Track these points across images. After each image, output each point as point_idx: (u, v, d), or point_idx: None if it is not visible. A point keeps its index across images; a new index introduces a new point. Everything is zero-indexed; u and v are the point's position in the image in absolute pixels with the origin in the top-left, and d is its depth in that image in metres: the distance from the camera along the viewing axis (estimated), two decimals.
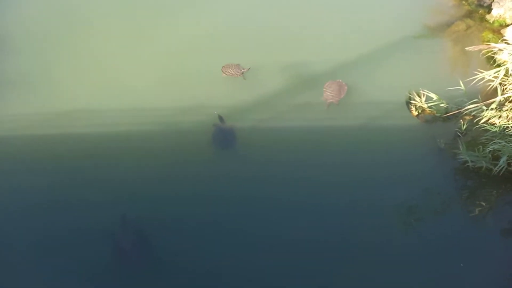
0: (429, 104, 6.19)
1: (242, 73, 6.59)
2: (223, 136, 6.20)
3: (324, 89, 6.39)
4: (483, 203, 5.61)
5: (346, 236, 5.39)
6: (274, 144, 6.15)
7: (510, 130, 5.53)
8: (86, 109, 6.48)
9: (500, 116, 5.71)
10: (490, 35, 6.84)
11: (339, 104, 6.37)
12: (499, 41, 6.41)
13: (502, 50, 6.01)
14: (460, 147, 5.74)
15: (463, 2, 7.38)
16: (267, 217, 5.57)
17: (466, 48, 6.15)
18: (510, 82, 5.92)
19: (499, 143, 5.47)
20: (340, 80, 6.45)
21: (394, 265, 5.20)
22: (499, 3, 6.96)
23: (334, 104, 6.37)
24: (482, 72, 5.78)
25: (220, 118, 6.29)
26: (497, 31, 6.89)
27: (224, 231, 5.48)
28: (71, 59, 6.97)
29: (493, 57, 6.46)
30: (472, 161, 5.66)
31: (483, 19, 7.10)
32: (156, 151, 6.11)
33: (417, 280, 5.12)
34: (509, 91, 5.84)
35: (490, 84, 5.81)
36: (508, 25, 6.84)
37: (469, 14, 7.23)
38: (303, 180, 5.80)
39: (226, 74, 6.60)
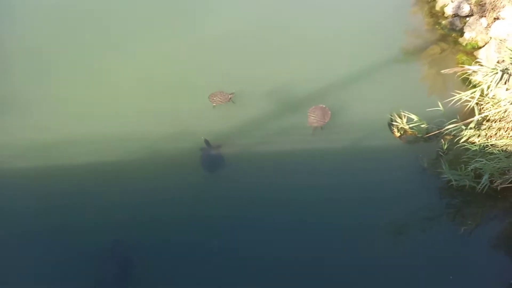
0: (411, 125, 6.34)
1: (230, 98, 6.66)
2: (211, 160, 6.21)
3: (309, 114, 6.49)
4: (469, 221, 5.69)
5: (332, 255, 5.41)
6: (261, 167, 6.19)
7: (490, 148, 5.68)
8: (70, 139, 6.43)
9: (479, 135, 5.87)
10: (464, 57, 7.12)
11: (324, 128, 6.47)
12: (473, 63, 6.67)
13: (476, 71, 6.23)
14: (443, 166, 5.85)
15: (437, 26, 7.69)
16: (256, 239, 5.55)
17: (442, 71, 6.35)
18: (486, 102, 6.12)
19: (480, 161, 5.60)
20: (323, 105, 6.57)
21: (384, 281, 5.24)
22: (470, 27, 7.29)
23: (319, 128, 6.46)
24: (459, 93, 5.96)
25: (207, 142, 6.30)
26: (470, 53, 7.18)
27: (213, 255, 5.44)
28: (51, 91, 6.96)
29: (468, 78, 6.70)
30: (455, 180, 5.77)
31: (456, 42, 7.40)
32: (143, 179, 6.08)
33: None
34: (486, 110, 6.03)
35: (468, 104, 5.98)
36: (480, 47, 7.14)
37: (443, 38, 7.53)
38: (290, 201, 5.84)
39: (216, 103, 6.66)
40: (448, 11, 7.68)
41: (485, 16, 7.21)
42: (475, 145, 5.79)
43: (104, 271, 5.32)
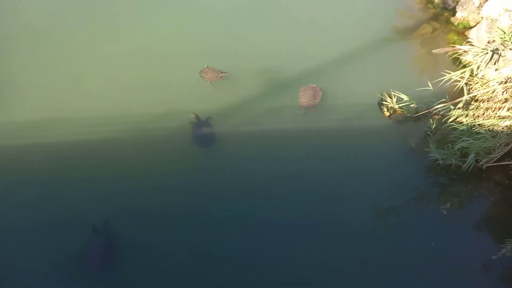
0: (400, 105, 6.38)
1: (221, 76, 6.66)
2: (202, 135, 6.25)
3: (300, 95, 6.50)
4: (454, 198, 5.83)
5: (320, 234, 5.54)
6: (252, 146, 6.23)
7: (477, 128, 5.76)
8: (57, 118, 6.41)
9: (467, 115, 5.94)
10: (455, 37, 7.11)
11: (316, 107, 6.49)
12: (464, 42, 6.66)
13: (467, 51, 6.24)
14: (431, 145, 5.93)
15: (429, 5, 7.64)
16: (246, 220, 5.66)
17: (433, 51, 6.36)
18: (475, 82, 6.16)
19: (467, 140, 5.69)
20: (314, 85, 6.58)
21: (369, 257, 5.39)
22: (462, 6, 7.25)
23: (311, 108, 6.49)
24: (449, 73, 5.99)
25: (197, 118, 6.33)
26: (462, 33, 7.17)
27: (204, 242, 5.53)
28: (39, 67, 6.90)
29: (459, 58, 6.72)
30: (442, 159, 5.86)
31: (448, 22, 7.37)
32: (132, 158, 6.10)
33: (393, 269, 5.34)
34: (475, 90, 6.08)
35: (457, 84, 6.02)
36: (472, 27, 7.12)
37: (435, 17, 7.49)
38: (280, 181, 5.92)
39: (207, 79, 6.65)
40: None
41: None
42: (463, 125, 5.86)
43: (89, 252, 5.39)
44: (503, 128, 5.60)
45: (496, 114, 5.79)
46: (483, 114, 5.91)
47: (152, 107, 6.45)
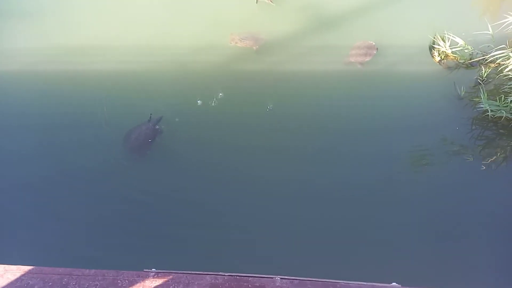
0: (453, 50, 5.96)
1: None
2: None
3: (352, 49, 6.18)
4: (498, 152, 5.57)
5: (361, 180, 5.40)
6: (290, 88, 6.09)
7: None
8: (99, 45, 6.50)
9: None
10: None
11: (364, 64, 6.16)
12: None
13: None
14: (481, 95, 5.59)
15: None
16: (282, 165, 5.61)
17: None
18: None
19: None
20: (373, 43, 6.19)
21: (403, 204, 5.28)
22: None
23: (358, 64, 6.16)
24: None
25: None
26: None
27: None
28: None
29: None
30: (492, 110, 5.54)
31: None
32: (170, 90, 6.17)
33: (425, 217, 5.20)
34: None
35: None
36: None
37: None
38: (319, 124, 5.79)
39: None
40: None
41: None
42: None
43: (134, 133, 5.73)
44: None
45: None
46: None
47: (191, 40, 6.38)
